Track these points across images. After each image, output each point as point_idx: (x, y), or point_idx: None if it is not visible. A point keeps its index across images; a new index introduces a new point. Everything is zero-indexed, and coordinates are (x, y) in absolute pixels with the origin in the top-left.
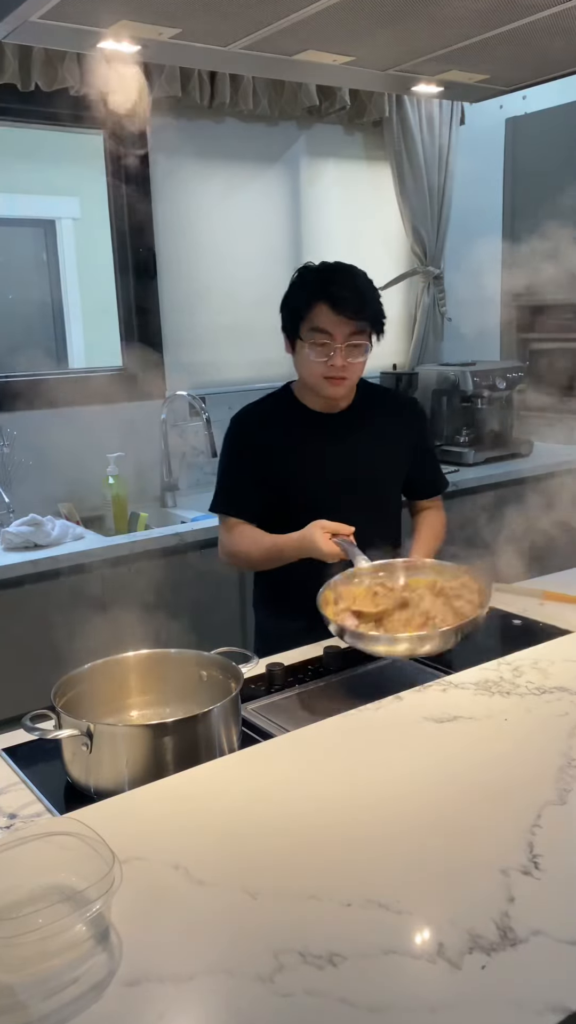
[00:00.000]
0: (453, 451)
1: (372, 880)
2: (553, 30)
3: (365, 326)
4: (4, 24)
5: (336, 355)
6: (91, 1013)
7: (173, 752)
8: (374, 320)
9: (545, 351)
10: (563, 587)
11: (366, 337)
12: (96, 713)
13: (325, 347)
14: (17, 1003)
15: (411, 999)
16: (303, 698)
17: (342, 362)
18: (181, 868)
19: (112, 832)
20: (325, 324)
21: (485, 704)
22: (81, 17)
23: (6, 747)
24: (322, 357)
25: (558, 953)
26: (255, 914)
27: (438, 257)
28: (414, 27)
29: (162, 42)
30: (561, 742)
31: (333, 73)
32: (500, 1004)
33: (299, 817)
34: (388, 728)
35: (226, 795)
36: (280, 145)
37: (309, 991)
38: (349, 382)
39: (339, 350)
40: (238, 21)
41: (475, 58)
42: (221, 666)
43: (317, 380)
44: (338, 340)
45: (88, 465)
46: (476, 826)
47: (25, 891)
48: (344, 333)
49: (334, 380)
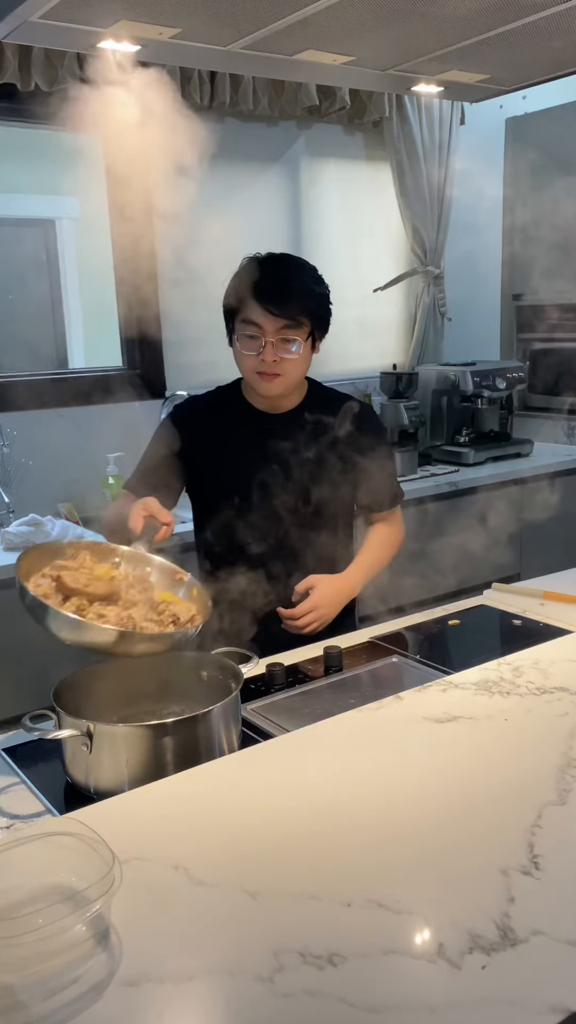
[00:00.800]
0: (453, 451)
1: (372, 880)
2: (553, 30)
3: (299, 321)
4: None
5: (267, 349)
6: (91, 1013)
7: (173, 752)
8: (311, 316)
9: (545, 351)
10: (563, 587)
11: (300, 332)
12: (96, 713)
13: (255, 340)
14: (17, 1003)
15: (411, 999)
16: (303, 698)
17: (273, 357)
18: (181, 868)
19: (112, 832)
20: (254, 317)
21: (485, 704)
22: (81, 17)
23: (6, 747)
24: (252, 351)
25: (558, 953)
26: (255, 914)
27: (438, 257)
28: (414, 27)
29: (162, 42)
30: (561, 742)
31: (333, 73)
32: (500, 1004)
33: (299, 817)
34: (388, 728)
35: (226, 795)
36: (280, 145)
37: (309, 991)
38: (284, 379)
39: (270, 344)
40: (238, 21)
41: (475, 58)
42: (221, 666)
43: (250, 375)
44: (268, 334)
45: (88, 465)
46: (476, 826)
47: (25, 891)
48: (275, 327)
49: (266, 376)
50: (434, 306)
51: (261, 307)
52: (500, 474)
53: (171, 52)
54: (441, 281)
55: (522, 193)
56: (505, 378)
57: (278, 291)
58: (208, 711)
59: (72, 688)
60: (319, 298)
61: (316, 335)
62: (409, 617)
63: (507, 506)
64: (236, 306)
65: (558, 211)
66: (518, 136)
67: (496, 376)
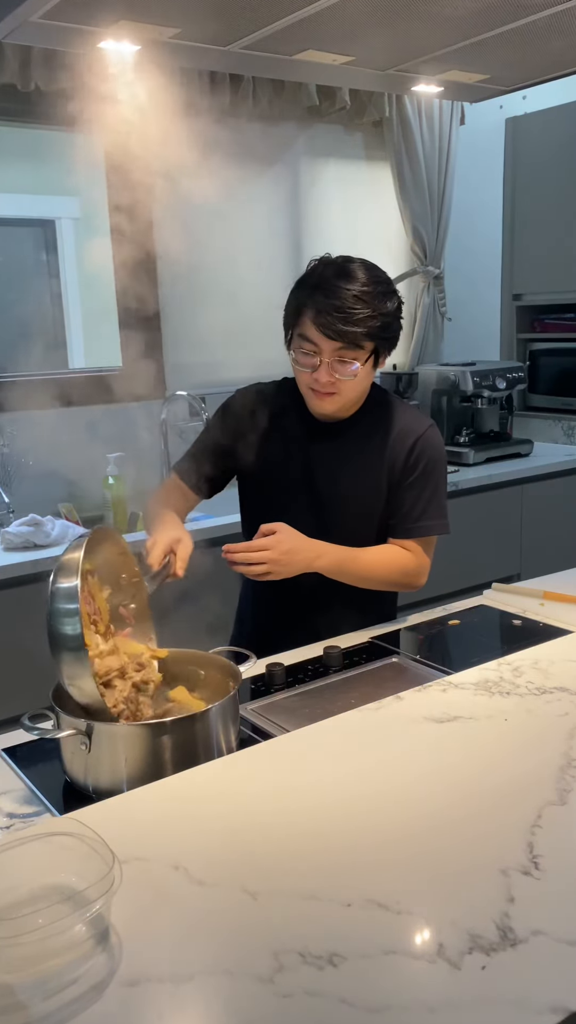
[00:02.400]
0: (453, 451)
1: (372, 880)
2: (553, 30)
3: (358, 343)
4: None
5: (321, 369)
6: (91, 1013)
7: (172, 752)
8: (372, 336)
9: (545, 351)
10: (563, 587)
11: (361, 354)
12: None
13: (309, 357)
14: (17, 1003)
15: (411, 999)
16: (303, 698)
17: (328, 377)
18: (181, 868)
19: (112, 832)
20: (310, 334)
21: (485, 704)
22: (81, 17)
23: (6, 747)
24: (308, 368)
25: (558, 953)
26: (255, 914)
27: (438, 257)
28: (414, 27)
29: (162, 42)
30: (561, 742)
31: (333, 73)
32: (500, 1004)
33: (299, 817)
34: (388, 728)
35: (226, 795)
36: (280, 145)
37: (309, 991)
38: (340, 398)
39: (325, 364)
40: (238, 21)
41: (475, 58)
42: (220, 665)
43: (305, 390)
44: (324, 354)
45: (88, 465)
46: (476, 826)
47: (25, 891)
48: (332, 347)
49: (319, 394)
50: (434, 306)
51: (317, 329)
52: (500, 474)
53: (171, 52)
54: (441, 281)
55: (522, 193)
56: (505, 378)
57: (337, 315)
58: (206, 711)
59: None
60: (385, 317)
61: (381, 353)
62: (409, 617)
63: (507, 506)
64: (294, 318)
65: (558, 211)
66: (518, 136)
67: (496, 376)
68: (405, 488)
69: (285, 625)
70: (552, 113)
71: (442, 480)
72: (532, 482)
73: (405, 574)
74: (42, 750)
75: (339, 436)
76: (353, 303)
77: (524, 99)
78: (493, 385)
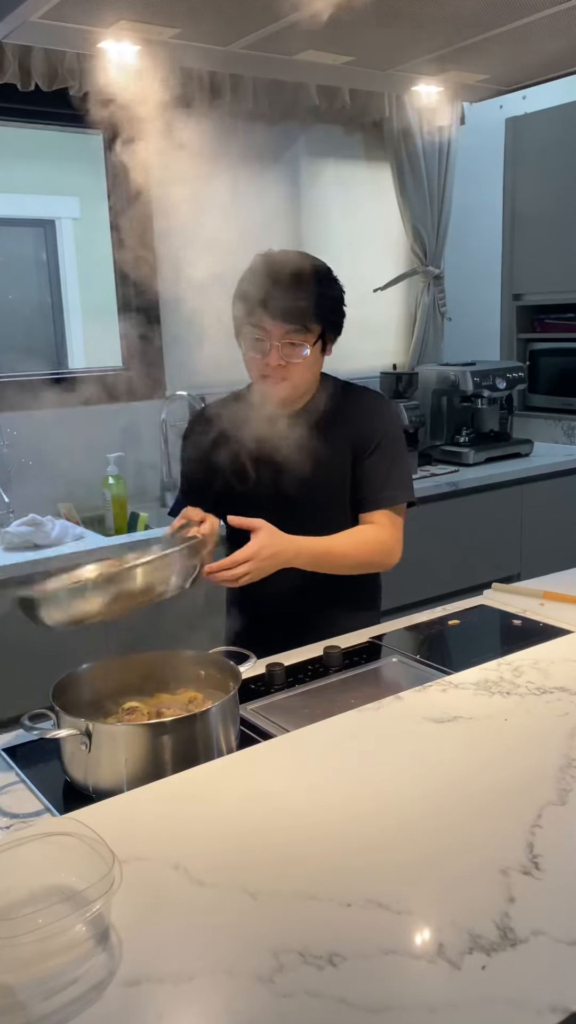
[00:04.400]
0: (453, 451)
1: (372, 880)
2: (553, 30)
3: (307, 326)
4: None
5: (272, 353)
6: (91, 1013)
7: (172, 751)
8: (320, 320)
9: (545, 351)
10: (563, 587)
11: (308, 337)
12: (95, 713)
13: (260, 343)
14: (17, 1003)
15: (411, 999)
16: (303, 698)
17: (278, 360)
18: (181, 868)
19: (112, 832)
20: (260, 320)
21: (485, 704)
22: (81, 17)
23: (6, 747)
24: (257, 354)
25: (558, 953)
26: (255, 914)
27: (438, 257)
28: (414, 27)
29: (162, 42)
30: (561, 742)
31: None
32: (500, 1004)
33: (299, 817)
34: (388, 728)
35: (226, 795)
36: (280, 145)
37: (309, 991)
38: (291, 383)
39: (275, 347)
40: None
41: (475, 58)
42: (219, 665)
43: (256, 378)
44: (274, 338)
45: (88, 465)
46: (476, 826)
47: (25, 891)
48: (281, 331)
49: (271, 380)
50: (434, 306)
51: (266, 312)
52: (500, 474)
53: (171, 52)
54: (441, 281)
55: (522, 193)
56: (505, 378)
57: (285, 296)
58: (206, 710)
59: (71, 688)
60: (330, 302)
61: (327, 338)
62: (409, 617)
63: (507, 506)
64: (243, 307)
65: (558, 211)
66: (518, 136)
67: (496, 376)
68: (366, 462)
69: (272, 614)
70: (552, 113)
71: (401, 450)
72: (532, 482)
73: (380, 552)
74: (42, 750)
75: (301, 430)
76: (300, 286)
77: (524, 99)
78: (493, 385)
